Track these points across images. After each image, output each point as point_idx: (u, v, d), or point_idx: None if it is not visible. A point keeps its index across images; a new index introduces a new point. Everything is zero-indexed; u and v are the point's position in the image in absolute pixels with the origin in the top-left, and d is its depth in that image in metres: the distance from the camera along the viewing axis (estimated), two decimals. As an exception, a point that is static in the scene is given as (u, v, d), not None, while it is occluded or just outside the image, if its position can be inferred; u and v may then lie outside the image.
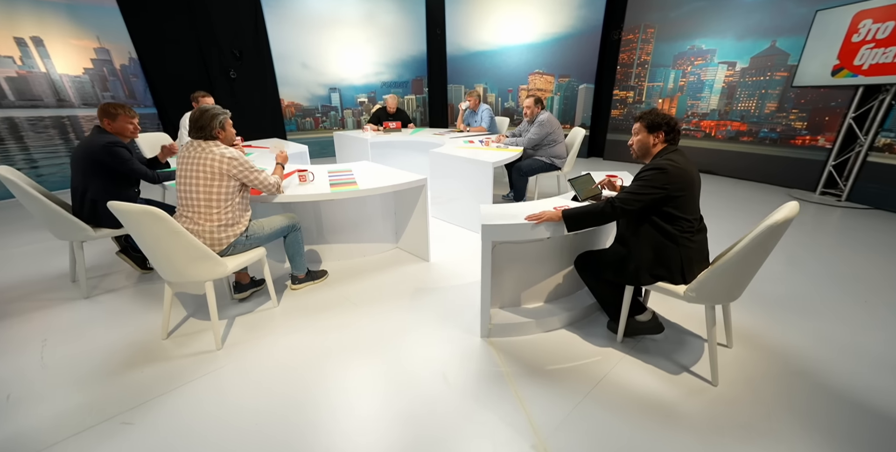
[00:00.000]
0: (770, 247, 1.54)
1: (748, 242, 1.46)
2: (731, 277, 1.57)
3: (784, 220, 1.39)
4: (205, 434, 1.41)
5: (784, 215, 1.40)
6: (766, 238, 1.43)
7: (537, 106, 3.67)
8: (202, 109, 1.89)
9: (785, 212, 1.42)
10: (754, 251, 1.48)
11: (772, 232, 1.41)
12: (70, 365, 1.76)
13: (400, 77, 6.84)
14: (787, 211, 1.44)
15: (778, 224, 1.39)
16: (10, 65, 4.21)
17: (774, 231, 1.42)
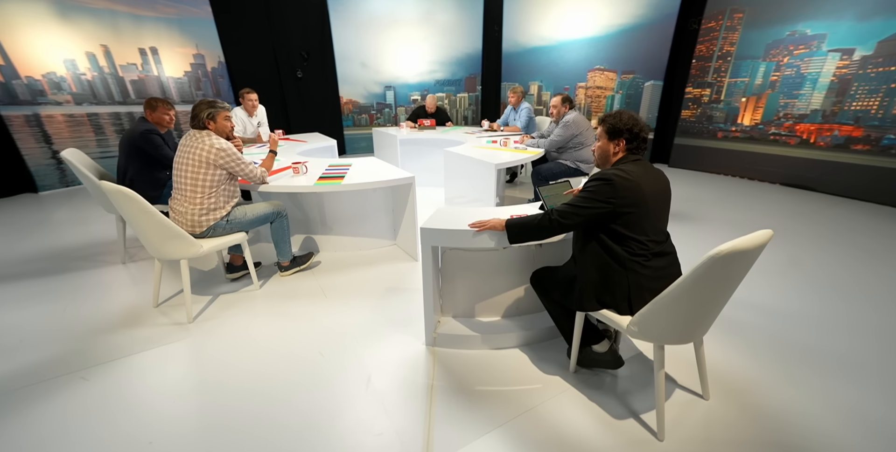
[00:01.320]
0: (728, 282, 1.22)
1: (685, 277, 1.16)
2: (676, 315, 1.26)
3: (730, 252, 1.08)
4: (143, 399, 1.54)
5: (732, 246, 1.09)
6: (712, 271, 1.12)
7: (565, 105, 3.34)
8: (200, 101, 2.07)
9: (736, 243, 1.10)
10: (698, 287, 1.17)
11: (716, 264, 1.10)
12: (75, 319, 2.06)
13: (453, 75, 6.78)
14: (744, 240, 1.11)
15: (721, 256, 1.08)
16: (134, 70, 5.09)
17: (723, 263, 1.11)
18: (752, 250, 1.13)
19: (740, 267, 1.20)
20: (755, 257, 1.21)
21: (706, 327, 1.37)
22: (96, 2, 4.65)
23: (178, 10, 5.19)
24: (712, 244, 1.10)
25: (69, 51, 4.57)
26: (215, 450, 1.33)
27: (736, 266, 1.17)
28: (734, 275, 1.22)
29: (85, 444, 1.35)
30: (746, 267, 1.24)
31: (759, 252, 1.19)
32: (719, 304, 1.30)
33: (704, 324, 1.34)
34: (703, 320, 1.32)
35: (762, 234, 1.15)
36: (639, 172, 1.42)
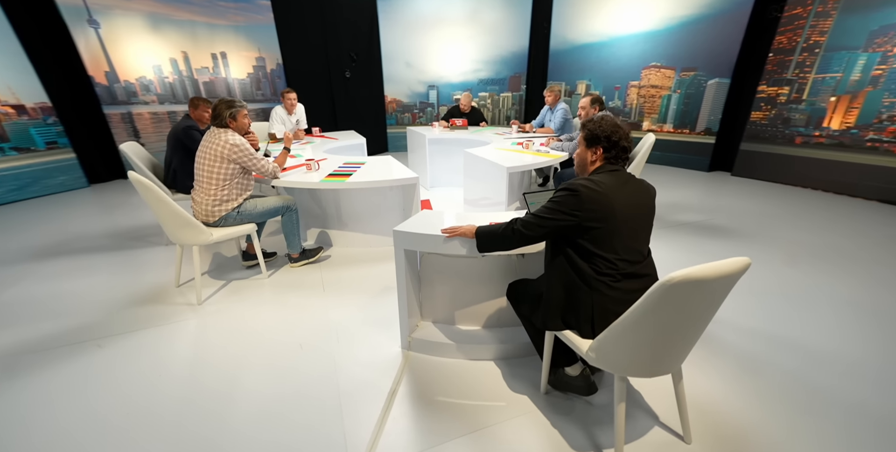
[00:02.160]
0: (696, 312, 1.08)
1: (637, 305, 1.02)
2: (636, 345, 1.11)
3: (682, 280, 0.94)
4: (139, 371, 1.71)
5: (686, 274, 0.94)
6: (668, 300, 0.97)
7: (594, 106, 3.09)
8: (220, 101, 2.22)
9: (692, 271, 0.95)
10: (656, 316, 1.02)
11: (670, 293, 0.97)
12: (110, 292, 2.33)
13: (497, 74, 6.62)
14: (703, 269, 0.97)
15: (671, 284, 0.93)
16: (207, 73, 5.66)
17: (679, 292, 0.97)
18: (712, 280, 0.96)
19: (708, 297, 1.03)
20: (727, 286, 1.03)
21: (677, 361, 1.19)
22: (181, 14, 5.24)
23: (245, 18, 5.67)
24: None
25: (157, 57, 5.20)
26: (177, 422, 1.43)
27: (700, 296, 1.00)
28: (702, 306, 1.04)
29: (81, 405, 1.52)
30: (718, 297, 1.06)
31: (732, 281, 1.01)
32: (689, 336, 1.12)
33: (674, 357, 1.17)
34: (670, 352, 1.14)
35: (733, 263, 0.98)
36: (612, 184, 1.26)
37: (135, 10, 4.92)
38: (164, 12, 5.11)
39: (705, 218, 3.53)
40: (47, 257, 2.82)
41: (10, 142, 4.35)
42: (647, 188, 1.35)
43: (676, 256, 2.78)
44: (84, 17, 4.61)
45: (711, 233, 3.18)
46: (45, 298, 2.26)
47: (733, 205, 3.92)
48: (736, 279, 1.05)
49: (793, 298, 2.23)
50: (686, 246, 2.94)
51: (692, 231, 3.23)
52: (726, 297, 1.12)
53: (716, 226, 3.34)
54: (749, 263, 1.02)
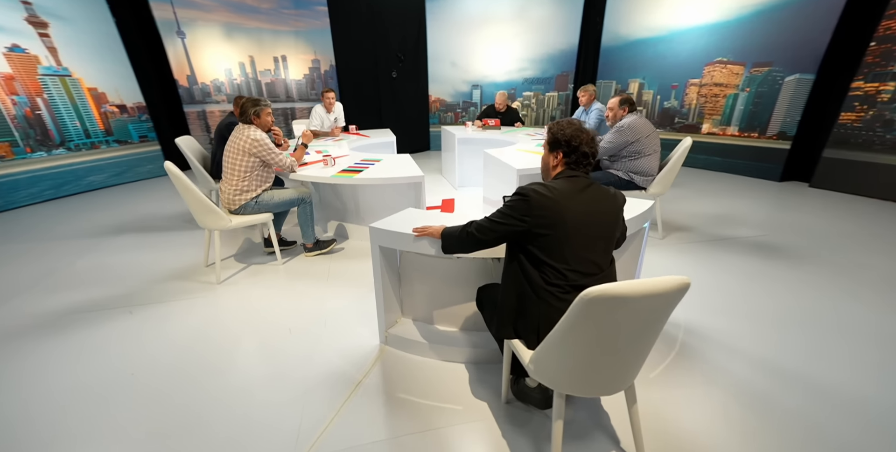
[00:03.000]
0: (630, 332, 0.99)
1: (562, 319, 0.96)
2: (567, 361, 1.04)
3: (598, 296, 0.88)
4: (153, 338, 1.94)
5: (602, 290, 0.87)
6: (589, 316, 0.91)
7: (623, 107, 2.85)
8: (247, 99, 2.43)
9: (609, 287, 0.89)
10: (581, 333, 0.96)
11: (588, 309, 0.91)
12: (151, 266, 2.65)
13: (543, 73, 6.37)
14: (623, 285, 0.89)
15: (587, 299, 0.88)
16: (269, 75, 6.20)
17: (599, 308, 0.91)
18: (636, 298, 0.86)
19: (638, 316, 0.92)
20: (662, 306, 0.92)
21: (618, 383, 1.09)
22: (251, 22, 5.79)
23: (305, 24, 6.09)
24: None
25: (228, 61, 5.80)
26: (165, 388, 1.60)
27: (627, 314, 0.90)
28: (633, 325, 0.94)
29: (101, 363, 1.77)
30: (653, 318, 0.95)
31: (666, 301, 0.91)
32: (627, 357, 1.02)
33: (613, 378, 1.07)
34: (607, 372, 1.05)
35: (663, 281, 0.88)
36: (567, 190, 1.18)
37: (213, 21, 5.53)
38: (237, 21, 5.68)
39: (759, 234, 3.10)
40: (118, 233, 3.30)
41: (113, 135, 5.14)
42: (610, 197, 1.24)
43: (700, 273, 2.49)
44: (174, 29, 5.29)
45: (760, 252, 2.78)
46: (104, 267, 2.66)
47: (801, 220, 3.39)
48: (671, 299, 0.93)
49: (841, 334, 1.89)
50: (720, 265, 2.61)
51: (737, 247, 2.86)
52: (667, 317, 1.00)
53: (769, 243, 2.92)
54: (686, 284, 0.90)
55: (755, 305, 2.14)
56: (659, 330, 1.02)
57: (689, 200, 3.99)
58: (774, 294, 2.25)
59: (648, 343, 1.04)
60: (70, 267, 2.67)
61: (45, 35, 4.37)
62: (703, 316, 2.05)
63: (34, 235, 3.30)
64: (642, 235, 1.88)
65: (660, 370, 1.68)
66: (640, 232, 1.85)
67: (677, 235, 3.09)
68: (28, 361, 1.77)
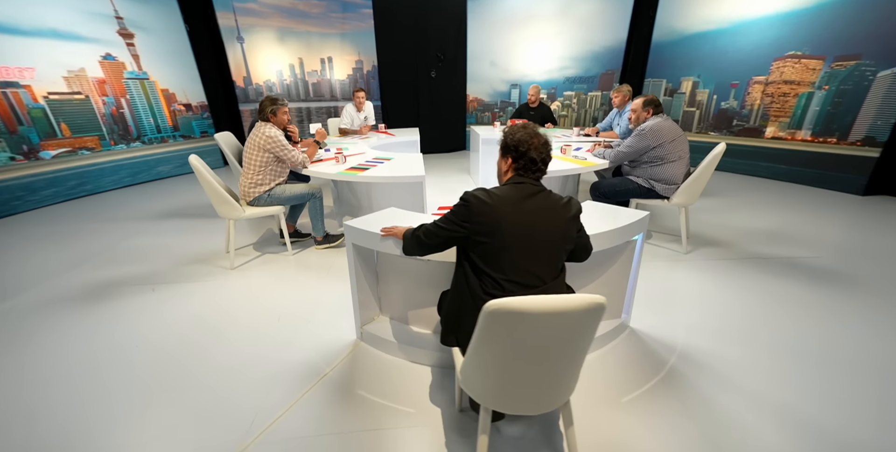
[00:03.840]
0: (541, 349, 0.94)
1: (475, 332, 0.92)
2: (485, 375, 1.00)
3: (497, 310, 0.85)
4: (164, 316, 2.17)
5: (501, 304, 0.84)
6: (493, 330, 0.89)
7: (646, 109, 2.62)
8: (265, 98, 2.59)
9: (508, 301, 0.85)
10: (490, 347, 0.94)
11: (489, 322, 0.88)
12: (180, 249, 2.92)
13: (587, 71, 6.04)
14: (523, 301, 0.85)
15: (487, 311, 0.86)
16: (315, 75, 6.57)
17: (501, 322, 0.88)
18: (536, 314, 0.81)
19: (546, 333, 0.86)
20: (574, 325, 0.85)
21: (544, 402, 1.03)
22: (301, 26, 6.17)
23: (351, 26, 6.36)
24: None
25: (280, 63, 6.24)
26: (160, 359, 1.77)
27: (531, 330, 0.85)
28: (540, 341, 0.88)
29: (121, 333, 2.01)
30: (564, 336, 0.89)
31: (576, 320, 0.84)
32: (546, 376, 0.96)
33: (537, 397, 1.01)
34: (529, 390, 0.99)
35: (569, 299, 0.82)
36: (508, 197, 1.12)
37: (269, 26, 5.98)
38: (289, 26, 6.08)
39: (812, 255, 2.70)
40: (166, 218, 3.71)
41: (179, 131, 5.76)
42: (559, 206, 1.15)
43: (720, 294, 2.23)
44: (235, 35, 5.80)
45: (804, 275, 2.43)
46: (144, 248, 3.00)
47: (877, 243, 2.90)
48: (581, 319, 0.85)
49: (869, 381, 1.59)
50: (747, 286, 2.32)
51: (775, 268, 2.51)
52: (588, 337, 0.91)
53: (821, 267, 2.53)
54: (598, 304, 0.81)
55: (774, 335, 1.87)
56: (580, 349, 0.94)
57: (734, 213, 3.57)
58: (801, 324, 1.95)
59: (569, 362, 0.96)
60: (119, 246, 3.05)
61: (131, 44, 5.01)
62: (706, 341, 1.84)
63: (106, 216, 3.82)
64: (633, 248, 1.72)
65: (635, 395, 1.54)
66: (629, 244, 1.70)
67: (706, 250, 2.78)
68: (61, 324, 2.06)
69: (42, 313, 2.15)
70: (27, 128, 4.21)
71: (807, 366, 1.67)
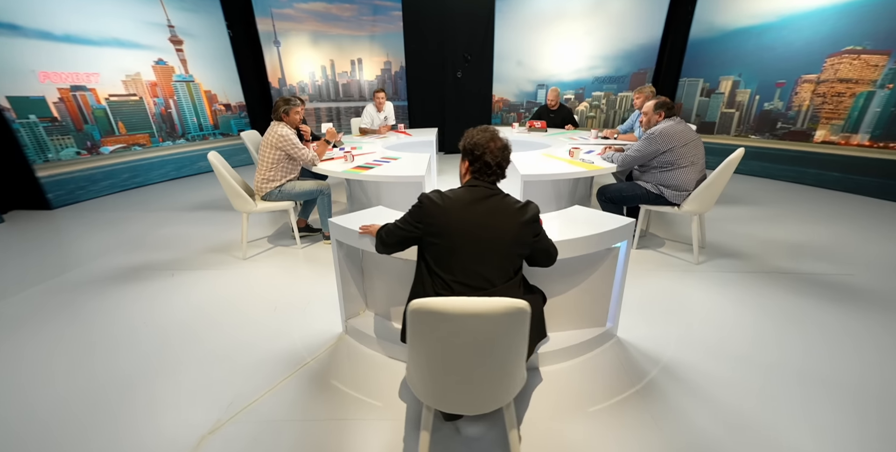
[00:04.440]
0: (468, 350, 0.95)
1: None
2: (422, 372, 1.03)
3: (418, 308, 0.89)
4: (175, 300, 2.36)
5: (422, 304, 0.89)
6: (419, 328, 0.93)
7: (658, 112, 2.49)
8: (281, 98, 2.74)
9: (427, 301, 0.89)
10: (422, 345, 0.98)
11: (414, 319, 0.91)
12: (204, 238, 3.15)
13: (617, 71, 5.79)
14: (441, 301, 0.88)
15: (411, 310, 0.90)
16: (346, 76, 6.81)
17: (424, 321, 0.91)
18: (455, 315, 0.83)
19: (471, 336, 0.88)
20: (491, 328, 0.88)
21: (479, 403, 1.05)
22: (333, 29, 6.42)
23: (380, 28, 6.53)
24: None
25: (312, 65, 6.54)
26: (161, 338, 1.94)
27: (453, 330, 0.86)
28: (470, 344, 0.90)
29: (137, 311, 2.22)
30: (489, 340, 0.90)
31: (494, 324, 0.87)
32: (478, 377, 0.98)
33: (471, 398, 1.03)
34: (462, 389, 1.01)
35: (487, 303, 0.83)
36: (460, 200, 1.13)
37: (303, 30, 6.28)
38: (322, 29, 6.35)
39: (843, 272, 2.46)
40: (199, 209, 4.02)
41: (219, 129, 6.20)
42: (512, 211, 1.15)
43: (726, 308, 2.09)
44: (272, 39, 6.15)
45: (828, 292, 2.22)
46: (172, 236, 3.27)
47: None
48: (502, 323, 0.86)
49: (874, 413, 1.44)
50: (759, 301, 2.16)
51: (796, 284, 2.32)
52: (516, 342, 0.91)
53: (848, 284, 2.31)
54: (519, 309, 0.82)
55: (777, 357, 1.74)
56: (511, 353, 0.94)
57: (765, 222, 3.31)
58: (813, 347, 1.79)
59: (501, 365, 0.97)
60: (153, 234, 3.35)
61: (180, 50, 5.46)
62: (696, 356, 1.74)
63: (149, 206, 4.20)
64: (616, 255, 1.66)
65: (604, 405, 1.49)
66: (611, 251, 1.64)
67: (721, 262, 2.61)
68: (91, 301, 2.30)
69: (82, 289, 2.43)
70: (91, 126, 4.71)
71: (806, 395, 1.54)
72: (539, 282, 1.60)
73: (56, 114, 4.35)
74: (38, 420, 1.49)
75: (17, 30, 3.98)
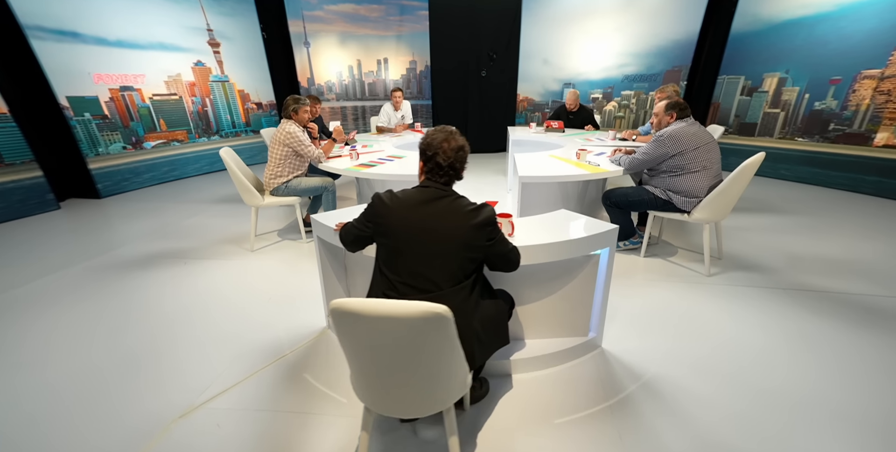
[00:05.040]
0: (376, 347, 0.96)
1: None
2: (358, 372, 1.05)
3: (336, 308, 0.88)
4: (183, 287, 2.53)
5: (341, 303, 0.89)
6: (343, 328, 0.93)
7: (669, 113, 2.34)
8: (288, 97, 2.85)
9: (347, 302, 0.87)
10: (350, 344, 0.97)
11: (336, 319, 0.90)
12: (221, 230, 3.34)
13: (649, 68, 5.50)
14: (357, 302, 0.87)
15: (331, 307, 0.97)
16: (372, 75, 6.97)
17: (343, 321, 0.91)
18: (371, 317, 0.84)
19: (390, 338, 0.88)
20: (407, 332, 0.88)
21: (409, 408, 1.05)
22: (361, 30, 6.59)
23: (407, 28, 6.61)
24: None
25: (340, 65, 6.74)
26: (160, 322, 2.07)
27: (374, 333, 0.87)
28: (391, 346, 0.90)
29: (150, 294, 2.40)
30: (411, 344, 0.91)
31: (409, 328, 0.87)
32: (406, 380, 0.98)
33: (398, 400, 1.03)
34: (390, 392, 1.00)
35: (402, 306, 0.83)
36: (408, 201, 1.13)
37: (333, 31, 6.49)
38: (350, 30, 6.53)
39: (880, 292, 2.21)
40: (222, 202, 4.28)
41: (251, 126, 6.55)
42: (462, 213, 1.13)
43: (733, 325, 1.94)
44: (302, 40, 6.41)
45: (856, 314, 2.01)
46: (193, 226, 3.50)
47: None
48: (419, 327, 0.85)
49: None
50: (776, 320, 1.98)
51: (821, 304, 2.11)
52: (441, 348, 0.89)
53: (885, 308, 2.06)
54: (436, 314, 0.81)
55: (778, 381, 1.58)
56: (438, 359, 0.93)
57: (799, 234, 3.03)
58: (824, 370, 1.61)
59: (429, 369, 0.95)
60: (178, 224, 3.60)
61: (217, 52, 5.82)
62: (683, 372, 1.63)
63: (182, 198, 4.52)
64: (595, 262, 1.58)
65: (573, 417, 1.43)
66: (590, 259, 1.57)
67: (736, 275, 2.42)
68: (113, 284, 2.51)
69: (108, 272, 2.66)
70: (136, 123, 5.13)
71: (801, 426, 1.39)
72: (512, 287, 1.56)
73: (106, 113, 4.78)
74: (28, 395, 1.65)
75: (77, 37, 4.41)
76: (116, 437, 1.41)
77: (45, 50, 4.08)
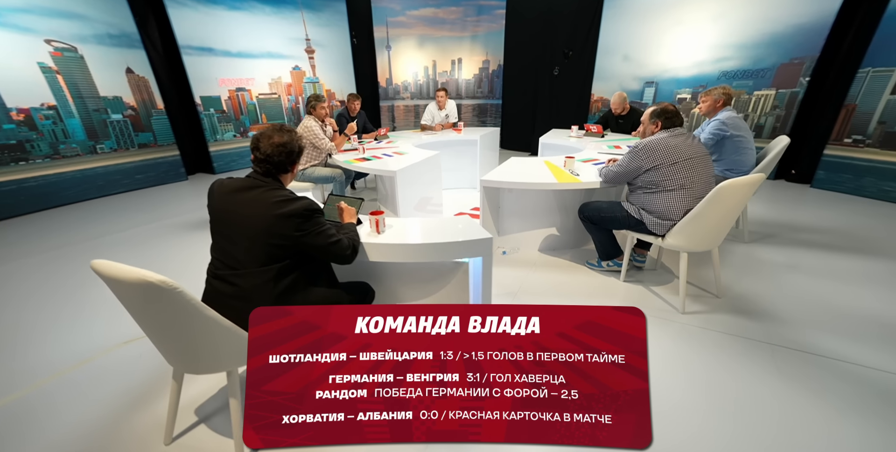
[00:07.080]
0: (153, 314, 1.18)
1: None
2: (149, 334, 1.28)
3: (95, 268, 1.11)
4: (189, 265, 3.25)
5: (96, 263, 1.14)
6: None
7: (654, 121, 2.06)
8: (312, 95, 3.36)
9: (106, 263, 1.09)
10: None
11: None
12: None
13: (756, 62, 4.57)
14: (115, 267, 1.07)
15: (92, 265, 1.13)
16: (445, 75, 7.35)
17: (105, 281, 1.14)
18: (105, 277, 1.07)
19: (129, 298, 1.12)
20: (138, 294, 1.10)
21: (186, 366, 1.27)
22: (438, 32, 7.02)
23: (483, 28, 6.79)
24: None
25: (416, 66, 7.30)
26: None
27: (117, 291, 1.13)
28: (134, 307, 1.15)
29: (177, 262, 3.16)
30: (146, 306, 1.13)
31: (139, 292, 1.07)
32: (168, 341, 1.22)
33: (177, 357, 1.26)
34: (167, 349, 1.26)
35: (124, 270, 1.05)
36: (229, 187, 1.37)
37: (412, 35, 7.07)
38: (428, 33, 7.02)
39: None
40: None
41: (336, 122, 7.59)
42: (267, 205, 1.28)
43: (682, 374, 1.68)
44: (385, 44, 7.15)
45: (866, 392, 1.54)
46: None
47: None
48: (143, 292, 1.04)
49: None
50: (747, 385, 1.65)
51: (822, 374, 1.67)
52: (190, 318, 1.11)
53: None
54: (146, 281, 0.99)
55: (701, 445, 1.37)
56: (188, 326, 1.12)
57: (859, 285, 2.32)
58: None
59: (181, 332, 1.16)
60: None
61: (311, 57, 6.92)
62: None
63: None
64: (465, 270, 1.60)
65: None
66: (460, 266, 1.59)
67: (716, 318, 2.01)
68: (160, 246, 3.37)
69: (166, 232, 3.57)
70: (244, 116, 6.47)
71: None
72: (387, 283, 1.69)
73: (224, 108, 6.15)
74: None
75: (210, 51, 5.80)
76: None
77: (190, 62, 5.48)
